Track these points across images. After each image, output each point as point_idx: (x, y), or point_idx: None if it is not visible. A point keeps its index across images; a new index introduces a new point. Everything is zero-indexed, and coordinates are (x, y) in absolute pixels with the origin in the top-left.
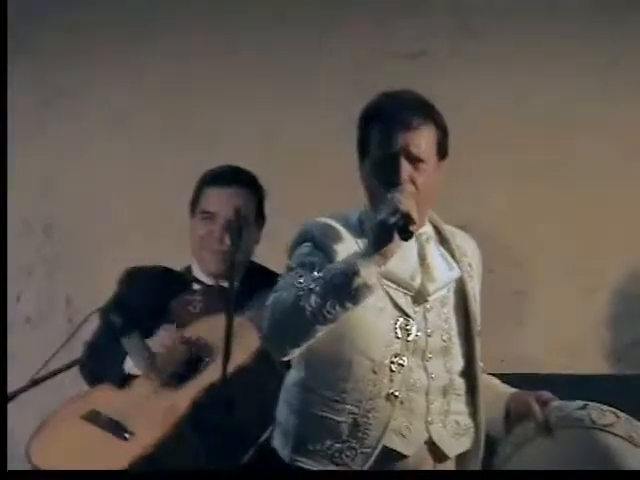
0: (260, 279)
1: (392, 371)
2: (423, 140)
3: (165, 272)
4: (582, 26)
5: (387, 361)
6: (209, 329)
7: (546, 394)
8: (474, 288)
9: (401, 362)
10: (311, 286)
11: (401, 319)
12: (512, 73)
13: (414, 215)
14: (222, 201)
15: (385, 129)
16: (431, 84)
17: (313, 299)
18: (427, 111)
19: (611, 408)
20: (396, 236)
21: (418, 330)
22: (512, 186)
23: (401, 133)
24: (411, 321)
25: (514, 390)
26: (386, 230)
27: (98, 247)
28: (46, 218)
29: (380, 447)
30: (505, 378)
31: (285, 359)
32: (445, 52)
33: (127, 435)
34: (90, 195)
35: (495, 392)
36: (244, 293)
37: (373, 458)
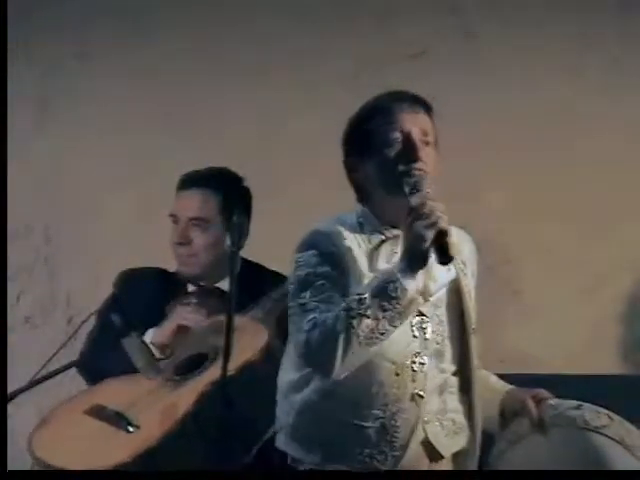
0: (255, 277)
1: (414, 371)
2: (427, 123)
3: (161, 273)
4: (582, 26)
5: (408, 362)
6: (213, 328)
7: (542, 392)
8: (468, 285)
9: (422, 361)
10: (360, 310)
11: (416, 318)
12: (512, 73)
13: (450, 231)
14: (182, 204)
15: (390, 116)
16: (431, 84)
17: (364, 324)
18: (422, 102)
19: (605, 410)
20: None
21: (437, 325)
22: (512, 185)
23: (407, 116)
24: (425, 319)
25: (510, 387)
26: (423, 250)
27: (98, 247)
28: (46, 218)
29: (410, 448)
30: (505, 378)
31: (336, 379)
32: (445, 52)
33: (131, 428)
34: (90, 195)
35: (491, 389)
36: (240, 292)
37: (404, 459)
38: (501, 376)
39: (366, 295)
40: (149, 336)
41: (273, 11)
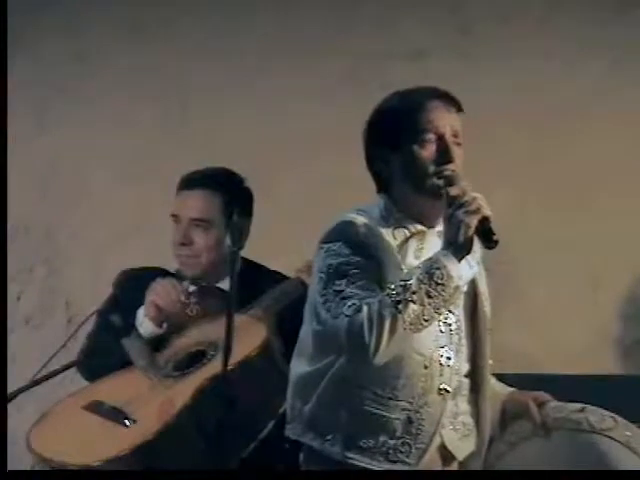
0: (255, 277)
1: (441, 365)
2: (458, 123)
3: (161, 273)
4: (582, 26)
5: (436, 355)
6: (213, 326)
7: (543, 395)
8: (484, 284)
9: (448, 355)
10: (407, 297)
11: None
12: (512, 73)
13: (491, 217)
14: (184, 204)
15: (424, 116)
16: (431, 84)
17: (410, 310)
18: (453, 99)
19: (610, 412)
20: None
21: (456, 323)
22: (511, 185)
23: (441, 115)
24: (450, 315)
25: (511, 389)
26: (467, 236)
27: (98, 248)
28: (46, 218)
29: (435, 442)
30: (505, 378)
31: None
32: (445, 52)
33: (128, 422)
34: (90, 196)
35: (491, 391)
36: (240, 291)
37: (428, 454)
38: (501, 376)
39: (411, 281)
40: (139, 318)
41: (273, 11)
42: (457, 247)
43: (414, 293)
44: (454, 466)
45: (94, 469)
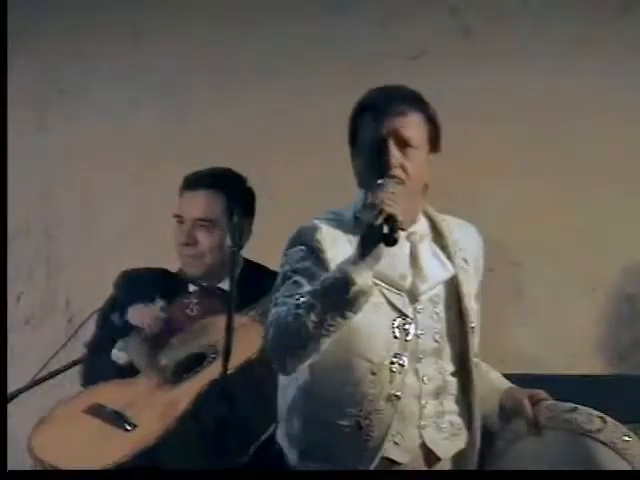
0: (257, 277)
1: (392, 372)
2: (411, 126)
3: (162, 273)
4: (582, 26)
5: (387, 362)
6: (213, 328)
7: (540, 393)
8: (469, 284)
9: (401, 362)
10: (310, 301)
11: (399, 319)
12: (512, 73)
13: (399, 216)
14: (188, 205)
15: (374, 116)
16: (431, 84)
17: (313, 315)
18: (416, 101)
19: (600, 413)
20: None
21: (416, 329)
22: (512, 185)
23: (390, 118)
24: (408, 320)
25: (509, 385)
26: (372, 235)
27: (98, 248)
28: (46, 219)
29: (383, 448)
30: (504, 378)
31: (291, 374)
32: (445, 52)
33: (129, 427)
34: (90, 196)
35: (490, 386)
36: (241, 292)
37: (377, 460)
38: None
39: (316, 288)
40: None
41: (273, 11)
42: (360, 248)
43: (317, 300)
44: (446, 465)
45: (95, 470)
